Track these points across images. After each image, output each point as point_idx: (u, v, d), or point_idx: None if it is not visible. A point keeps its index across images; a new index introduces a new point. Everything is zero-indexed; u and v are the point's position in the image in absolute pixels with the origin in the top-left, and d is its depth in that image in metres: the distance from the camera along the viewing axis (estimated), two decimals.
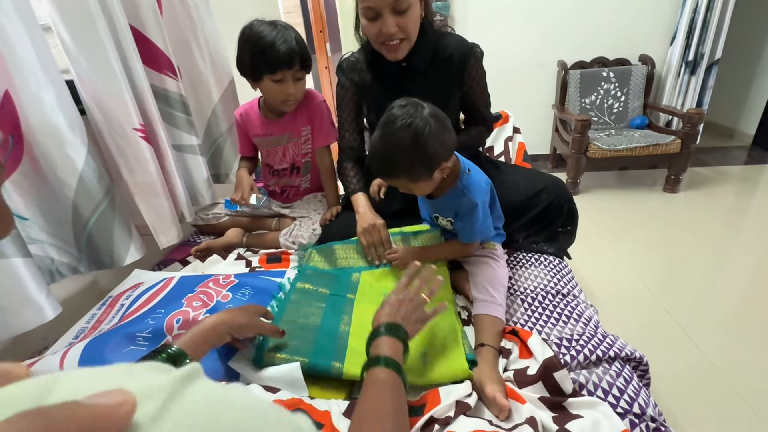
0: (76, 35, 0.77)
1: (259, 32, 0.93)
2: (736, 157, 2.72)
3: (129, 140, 0.87)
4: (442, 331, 0.69)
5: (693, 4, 2.30)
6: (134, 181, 0.91)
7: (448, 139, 0.71)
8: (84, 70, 0.80)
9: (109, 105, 0.83)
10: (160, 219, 0.96)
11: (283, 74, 0.94)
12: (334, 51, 2.98)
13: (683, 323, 1.27)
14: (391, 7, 0.80)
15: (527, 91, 2.72)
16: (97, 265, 0.87)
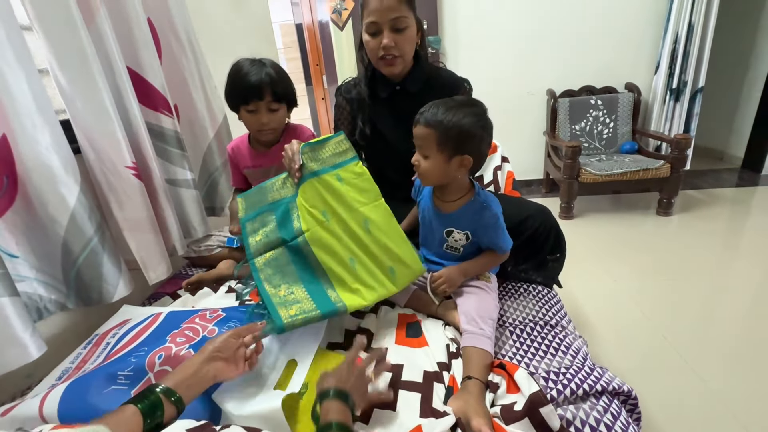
0: (72, 78, 0.81)
1: (238, 67, 1.00)
2: (728, 180, 2.75)
3: (121, 177, 0.89)
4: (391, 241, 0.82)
5: (673, 35, 2.40)
6: (124, 217, 0.92)
7: (483, 148, 0.79)
8: (79, 111, 0.83)
9: (102, 144, 0.85)
10: (149, 254, 0.97)
11: (256, 105, 1.00)
12: (330, 83, 3.08)
13: (681, 350, 1.25)
14: (391, 25, 0.91)
15: (519, 119, 2.79)
16: (84, 301, 0.87)
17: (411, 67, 1.02)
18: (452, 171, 0.78)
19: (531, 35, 2.62)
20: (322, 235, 0.83)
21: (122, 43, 0.93)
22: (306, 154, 0.87)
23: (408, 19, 0.93)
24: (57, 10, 0.77)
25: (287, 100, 1.05)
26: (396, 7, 0.90)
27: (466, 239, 0.85)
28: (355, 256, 0.82)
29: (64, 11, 0.77)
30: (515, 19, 2.60)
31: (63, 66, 0.79)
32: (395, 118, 1.06)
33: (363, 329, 0.83)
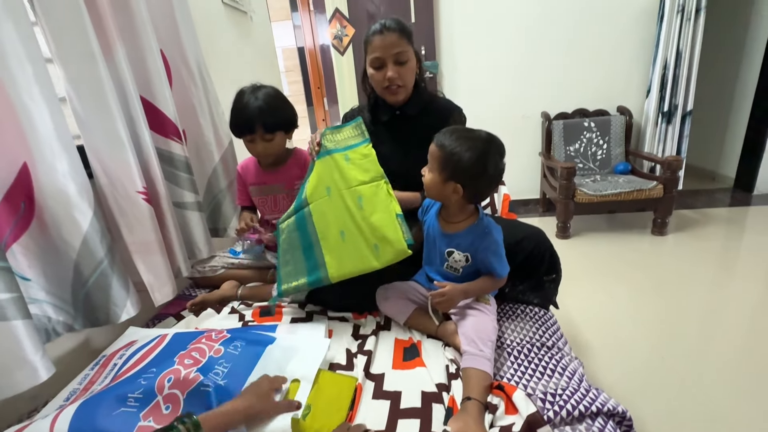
0: (89, 108, 0.85)
1: (237, 98, 1.11)
2: (720, 200, 2.81)
3: (131, 202, 0.92)
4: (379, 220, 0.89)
5: (662, 61, 2.50)
6: (133, 240, 0.95)
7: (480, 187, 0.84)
8: (94, 139, 0.87)
9: (116, 170, 0.89)
10: (156, 276, 0.99)
11: (251, 136, 1.10)
12: (330, 104, 3.16)
13: (679, 370, 1.26)
14: (394, 58, 1.01)
15: (515, 140, 2.86)
16: (92, 322, 0.89)
17: (411, 94, 1.11)
18: (447, 192, 0.84)
19: (525, 60, 2.72)
20: (322, 208, 0.96)
21: (136, 74, 0.98)
22: (326, 136, 1.03)
23: (408, 52, 1.03)
24: (78, 44, 0.82)
25: (281, 127, 1.13)
26: (398, 42, 1.00)
27: (465, 261, 0.89)
28: (346, 229, 0.92)
29: (85, 46, 0.82)
30: (510, 45, 2.70)
31: (81, 97, 0.83)
32: (395, 139, 1.13)
33: (365, 351, 0.85)
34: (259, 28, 1.96)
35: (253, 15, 1.88)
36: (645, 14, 2.54)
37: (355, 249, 0.90)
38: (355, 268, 0.89)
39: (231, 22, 1.69)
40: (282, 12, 3.15)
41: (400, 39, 1.00)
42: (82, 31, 0.82)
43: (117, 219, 0.94)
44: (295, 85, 3.40)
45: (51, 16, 0.80)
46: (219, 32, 1.60)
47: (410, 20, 2.69)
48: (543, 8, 2.61)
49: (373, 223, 0.89)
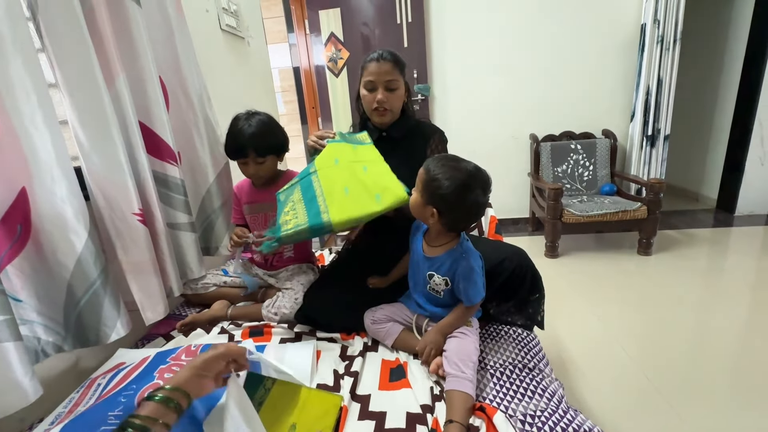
0: (91, 135, 0.88)
1: (233, 124, 1.18)
2: (703, 221, 2.89)
3: (128, 223, 0.95)
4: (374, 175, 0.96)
5: (645, 88, 2.61)
6: (128, 260, 0.97)
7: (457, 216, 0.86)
8: (94, 163, 0.90)
9: (113, 193, 0.92)
10: (148, 296, 1.01)
11: (244, 159, 1.17)
12: (324, 123, 3.22)
13: (663, 390, 1.28)
14: (385, 85, 1.12)
15: (504, 161, 2.94)
16: (82, 342, 0.90)
17: (398, 119, 1.20)
18: (426, 215, 0.87)
19: (514, 84, 2.82)
20: (328, 173, 1.03)
21: (136, 100, 1.02)
22: (336, 136, 1.15)
23: (398, 81, 1.12)
24: (82, 72, 0.86)
25: (272, 152, 1.20)
26: (390, 71, 1.10)
27: (445, 284, 0.91)
28: (350, 186, 0.97)
29: (89, 73, 0.86)
30: (499, 69, 2.81)
31: (83, 123, 0.87)
32: None
33: (352, 372, 0.87)
34: (256, 53, 2.02)
35: (250, 40, 1.95)
36: (627, 44, 2.66)
37: (357, 199, 0.95)
38: (356, 213, 0.93)
39: (229, 47, 1.75)
40: (279, 35, 3.24)
41: (393, 69, 1.10)
42: (86, 60, 0.86)
43: (113, 240, 0.96)
44: (290, 104, 3.47)
45: (57, 44, 0.83)
46: (217, 57, 1.65)
47: (403, 45, 2.79)
48: (530, 35, 2.73)
49: (375, 180, 0.96)
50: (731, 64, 2.90)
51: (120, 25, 0.97)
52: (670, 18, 2.49)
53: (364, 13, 2.81)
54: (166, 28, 1.15)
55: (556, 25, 2.68)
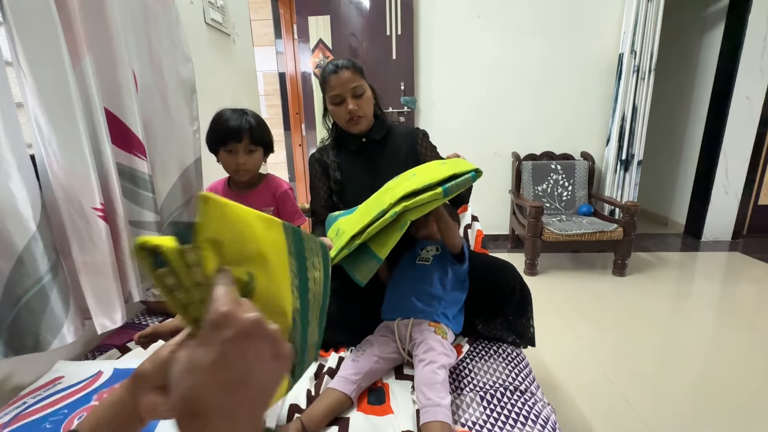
0: (51, 116, 0.79)
1: (220, 114, 1.11)
2: (672, 245, 2.99)
3: (86, 219, 0.84)
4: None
5: (621, 114, 2.71)
6: (83, 260, 0.86)
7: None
8: (53, 150, 0.80)
9: (72, 184, 0.82)
10: (104, 301, 0.89)
11: (234, 146, 1.09)
12: (308, 130, 3.16)
13: (642, 412, 1.27)
14: (351, 93, 1.09)
15: (487, 177, 2.93)
16: (15, 349, 0.78)
17: (374, 123, 1.21)
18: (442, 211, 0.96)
19: (498, 103, 2.87)
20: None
21: (103, 86, 0.93)
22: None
23: (363, 85, 1.11)
24: (46, 50, 0.77)
25: (264, 144, 1.14)
26: (352, 78, 1.09)
27: (436, 250, 1.00)
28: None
29: (55, 52, 0.77)
30: (484, 87, 2.85)
31: (45, 104, 0.77)
32: (364, 166, 1.21)
33: None
34: (241, 52, 1.95)
35: (236, 38, 1.87)
36: (605, 71, 2.77)
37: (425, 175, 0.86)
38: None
39: (213, 42, 1.67)
40: (265, 38, 3.18)
41: (354, 75, 1.09)
42: (52, 36, 0.77)
43: (68, 236, 0.85)
44: (273, 108, 3.39)
45: (20, 17, 0.75)
46: (199, 51, 1.57)
47: (391, 56, 2.79)
48: (516, 57, 2.79)
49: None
50: (700, 96, 3.07)
51: (91, 3, 0.88)
52: (646, 49, 2.61)
53: (354, 22, 2.80)
54: (146, 13, 1.07)
55: (541, 49, 2.76)
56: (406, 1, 2.68)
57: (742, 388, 1.39)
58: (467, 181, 0.83)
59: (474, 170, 0.84)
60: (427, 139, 1.25)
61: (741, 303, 2.09)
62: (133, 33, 1.06)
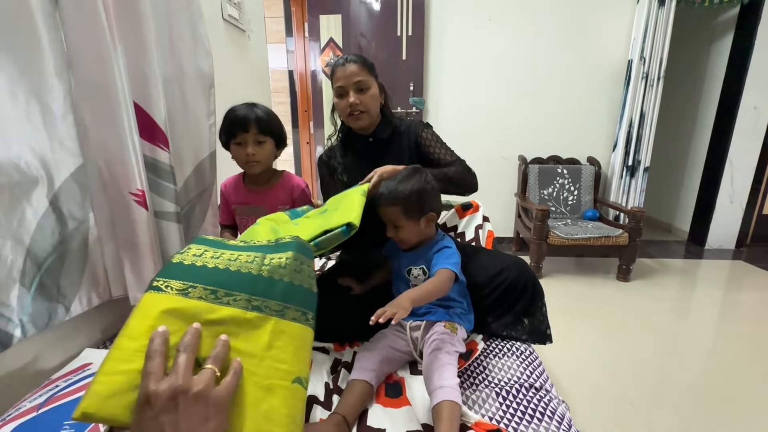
0: (97, 108, 0.83)
1: (231, 108, 1.12)
2: (676, 251, 3.00)
3: (125, 201, 0.90)
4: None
5: (628, 120, 2.73)
6: (124, 239, 0.92)
7: (438, 201, 0.95)
8: (100, 136, 0.84)
9: (113, 168, 0.87)
10: (141, 278, 0.96)
11: (243, 137, 1.09)
12: (316, 128, 3.18)
13: (644, 415, 1.28)
14: (355, 86, 1.08)
15: (493, 180, 2.98)
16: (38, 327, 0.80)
17: (379, 122, 1.19)
18: (424, 229, 0.93)
19: (506, 106, 2.88)
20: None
21: (132, 78, 0.94)
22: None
23: (369, 81, 1.10)
24: (92, 37, 0.80)
25: (273, 135, 1.14)
26: (358, 72, 1.08)
27: (423, 274, 0.94)
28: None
29: (101, 39, 0.80)
30: (492, 90, 2.86)
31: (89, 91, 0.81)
32: (368, 166, 1.11)
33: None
34: (255, 48, 1.97)
35: (251, 34, 1.89)
36: (614, 77, 2.79)
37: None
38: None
39: (229, 38, 1.69)
40: (276, 35, 3.20)
41: (360, 69, 1.08)
42: (96, 22, 0.80)
43: (113, 216, 0.90)
44: (281, 106, 3.41)
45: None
46: (216, 46, 1.58)
47: (401, 57, 2.80)
48: (525, 60, 2.81)
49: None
50: (707, 105, 3.08)
51: None
52: (655, 56, 2.63)
53: (365, 22, 2.81)
54: (169, 7, 1.09)
55: (550, 53, 2.78)
56: (418, 2, 2.70)
57: (743, 394, 1.41)
58: (337, 236, 0.78)
59: (346, 224, 0.78)
60: (429, 131, 1.23)
61: (743, 311, 2.10)
62: (155, 25, 1.08)
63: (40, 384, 0.75)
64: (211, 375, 0.37)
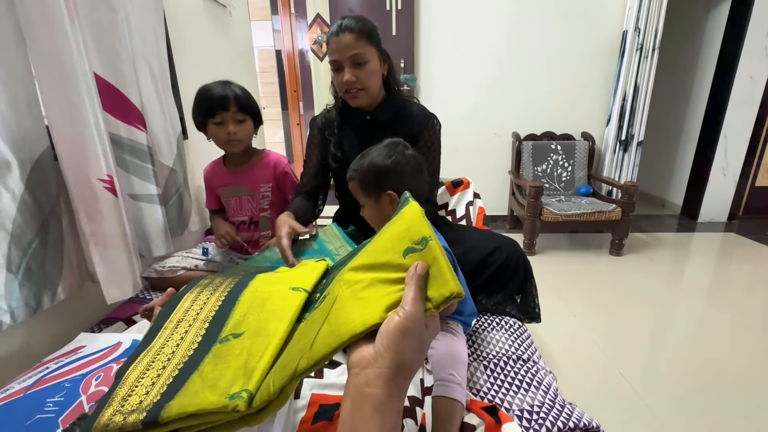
0: (53, 85, 0.77)
1: (204, 87, 1.07)
2: (669, 225, 3.02)
3: (93, 190, 0.84)
4: None
5: (622, 93, 2.68)
6: (92, 230, 0.86)
7: (408, 180, 0.81)
8: (57, 119, 0.78)
9: (77, 154, 0.81)
10: (114, 271, 0.90)
11: (222, 116, 1.06)
12: (306, 109, 3.11)
13: (636, 385, 1.31)
14: (351, 61, 0.96)
15: (486, 158, 2.95)
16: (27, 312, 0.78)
17: (383, 99, 1.07)
18: (386, 209, 0.82)
19: (498, 81, 2.82)
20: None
21: (97, 51, 0.90)
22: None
23: (367, 54, 0.97)
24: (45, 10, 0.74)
25: (252, 113, 1.11)
26: (353, 44, 0.94)
27: None
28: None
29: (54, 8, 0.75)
30: (484, 65, 2.80)
31: (47, 71, 0.76)
32: (363, 145, 1.04)
33: None
34: (237, 25, 1.90)
35: (232, 10, 1.82)
36: (608, 50, 2.72)
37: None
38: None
39: (208, 13, 1.62)
40: (261, 12, 3.08)
41: (357, 40, 0.94)
42: None
43: (76, 206, 0.85)
44: (269, 86, 3.32)
45: None
46: (195, 23, 1.52)
47: (391, 32, 2.72)
48: (518, 34, 2.73)
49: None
50: (702, 77, 3.04)
51: None
52: (650, 27, 2.57)
53: None
54: None
55: (544, 26, 2.70)
56: None
57: (733, 363, 1.43)
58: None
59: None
60: (435, 131, 1.11)
61: (734, 282, 2.12)
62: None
63: (30, 367, 0.75)
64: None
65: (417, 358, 0.35)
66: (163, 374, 0.43)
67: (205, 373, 0.42)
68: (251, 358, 0.43)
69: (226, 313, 0.53)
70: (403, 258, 0.41)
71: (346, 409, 0.33)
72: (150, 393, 0.40)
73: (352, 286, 0.42)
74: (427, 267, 0.38)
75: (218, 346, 0.47)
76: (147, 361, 0.45)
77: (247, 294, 0.57)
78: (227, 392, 0.38)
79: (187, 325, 0.51)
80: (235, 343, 0.47)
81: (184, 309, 0.54)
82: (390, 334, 0.34)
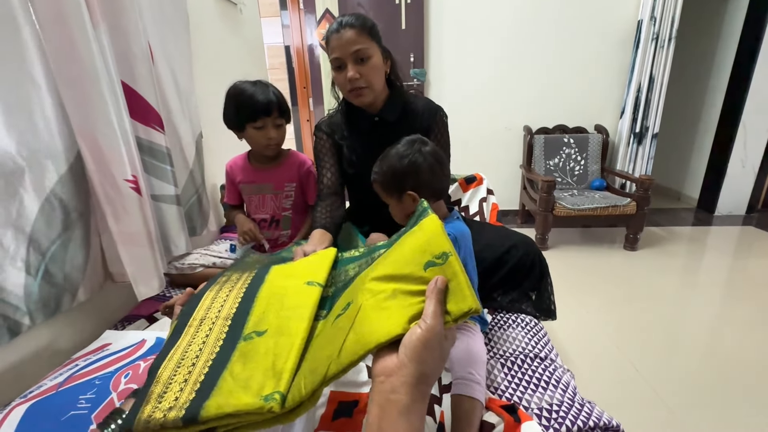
0: (78, 89, 0.79)
1: (241, 89, 1.07)
2: (684, 219, 2.96)
3: (119, 189, 0.87)
4: None
5: (636, 85, 2.63)
6: (119, 230, 0.90)
7: (429, 178, 0.80)
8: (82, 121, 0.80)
9: (104, 156, 0.84)
10: (142, 269, 0.94)
11: (264, 121, 1.08)
12: (316, 105, 3.11)
13: (651, 380, 1.30)
14: (353, 57, 0.94)
15: (497, 152, 2.92)
16: (45, 313, 0.81)
17: (387, 97, 1.05)
18: (409, 208, 0.81)
19: (510, 75, 2.79)
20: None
21: (118, 57, 0.91)
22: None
23: (369, 49, 0.95)
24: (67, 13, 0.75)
25: (288, 116, 1.14)
26: (355, 40, 0.92)
27: None
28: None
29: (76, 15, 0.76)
30: (496, 59, 2.76)
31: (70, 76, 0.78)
32: (373, 150, 0.98)
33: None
34: (248, 22, 1.90)
35: (243, 8, 1.82)
36: (622, 40, 2.66)
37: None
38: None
39: (220, 12, 1.63)
40: (270, 8, 3.08)
41: (359, 36, 0.92)
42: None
43: (103, 206, 0.87)
44: (279, 83, 3.32)
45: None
46: (207, 22, 1.53)
47: (401, 26, 2.70)
48: (529, 25, 2.69)
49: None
50: (721, 67, 2.95)
51: None
52: (667, 16, 2.50)
53: None
54: None
55: (556, 17, 2.65)
56: None
57: (751, 358, 1.41)
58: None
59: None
60: (443, 123, 1.10)
61: (752, 277, 2.08)
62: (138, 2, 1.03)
63: (58, 365, 0.78)
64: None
65: (438, 367, 0.38)
66: (194, 371, 0.46)
67: (236, 373, 0.45)
68: (278, 359, 0.45)
69: (246, 310, 0.56)
70: (423, 271, 0.44)
71: (374, 414, 0.35)
72: (184, 390, 0.43)
73: (375, 296, 0.44)
74: (447, 282, 0.41)
75: (243, 344, 0.50)
76: (177, 359, 0.48)
77: (264, 290, 0.60)
78: (260, 393, 0.40)
79: (210, 323, 0.54)
80: (259, 341, 0.50)
81: (205, 307, 0.57)
82: (413, 345, 0.36)
